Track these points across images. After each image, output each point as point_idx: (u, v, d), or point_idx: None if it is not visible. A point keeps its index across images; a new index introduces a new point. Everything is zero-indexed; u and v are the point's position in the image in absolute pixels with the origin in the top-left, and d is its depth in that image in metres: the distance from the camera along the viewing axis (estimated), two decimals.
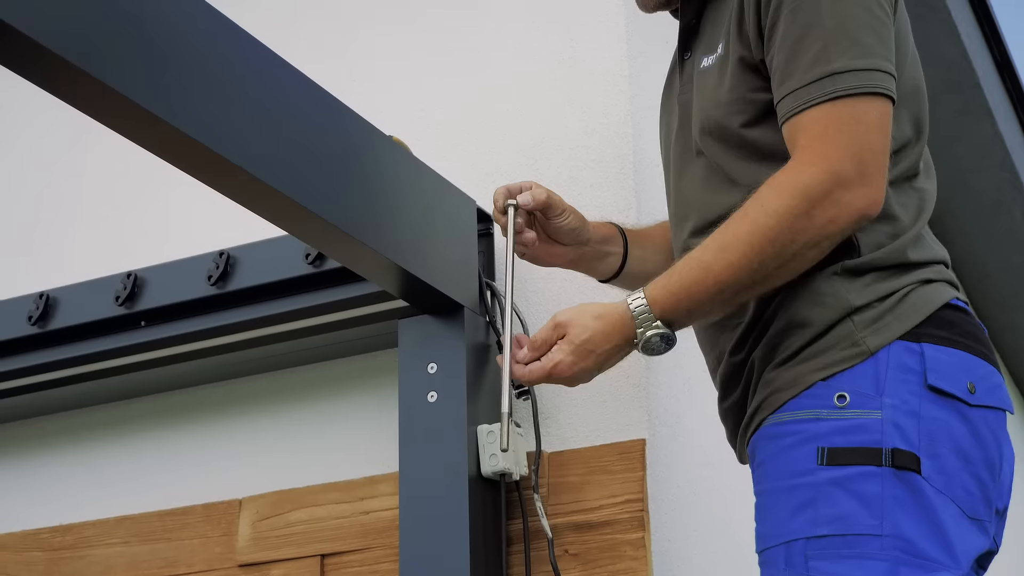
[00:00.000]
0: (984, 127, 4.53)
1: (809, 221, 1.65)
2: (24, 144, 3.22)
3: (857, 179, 1.64)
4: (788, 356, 1.72)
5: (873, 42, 1.68)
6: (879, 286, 1.70)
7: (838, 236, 1.67)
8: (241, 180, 1.84)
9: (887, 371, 1.65)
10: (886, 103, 1.68)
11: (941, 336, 1.68)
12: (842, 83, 1.66)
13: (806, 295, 1.72)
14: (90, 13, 1.60)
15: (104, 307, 2.57)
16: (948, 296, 1.72)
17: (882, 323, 1.68)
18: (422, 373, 2.24)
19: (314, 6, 2.94)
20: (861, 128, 1.65)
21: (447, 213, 2.27)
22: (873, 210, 1.66)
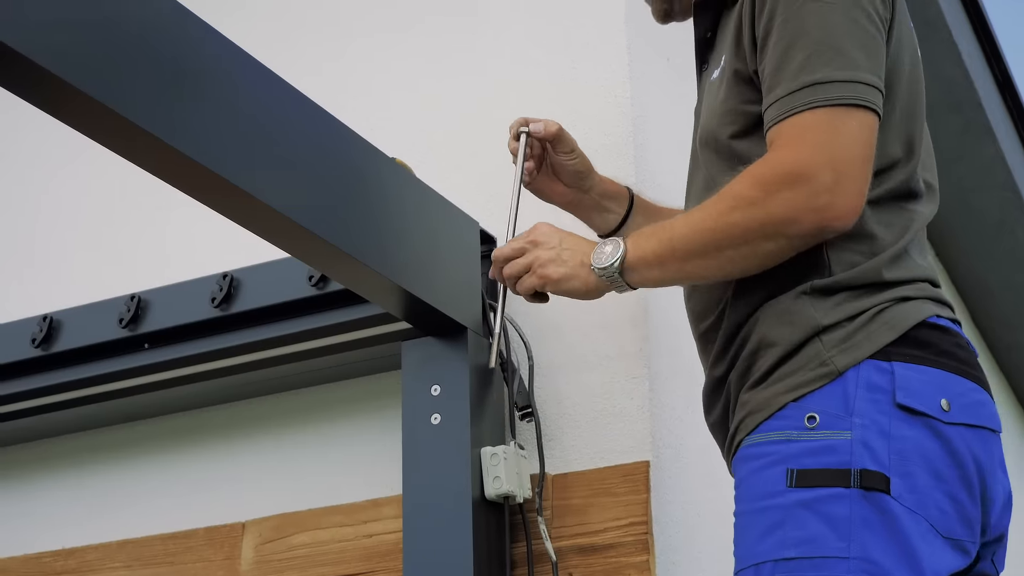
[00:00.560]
0: (986, 146, 4.54)
1: (763, 209, 1.67)
2: (27, 165, 3.22)
3: (831, 185, 1.64)
4: (760, 377, 1.73)
5: (859, 55, 1.68)
6: (849, 305, 1.69)
7: (798, 239, 1.68)
8: (244, 202, 1.84)
9: (856, 390, 1.64)
10: (868, 115, 1.67)
11: (914, 354, 1.66)
12: (823, 93, 1.66)
13: (776, 315, 1.73)
14: (91, 35, 1.60)
15: (108, 329, 2.57)
16: (926, 314, 1.70)
17: (851, 342, 1.67)
18: (425, 395, 2.24)
19: (313, 23, 2.94)
20: (838, 137, 1.66)
21: (450, 235, 2.27)
22: (842, 221, 1.66)
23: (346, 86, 2.79)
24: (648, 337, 2.29)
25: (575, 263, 1.91)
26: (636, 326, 2.30)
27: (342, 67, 2.85)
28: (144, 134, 1.66)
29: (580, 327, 2.34)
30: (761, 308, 1.75)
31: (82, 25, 1.60)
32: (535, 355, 2.32)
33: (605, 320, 2.32)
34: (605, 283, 1.87)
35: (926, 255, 1.82)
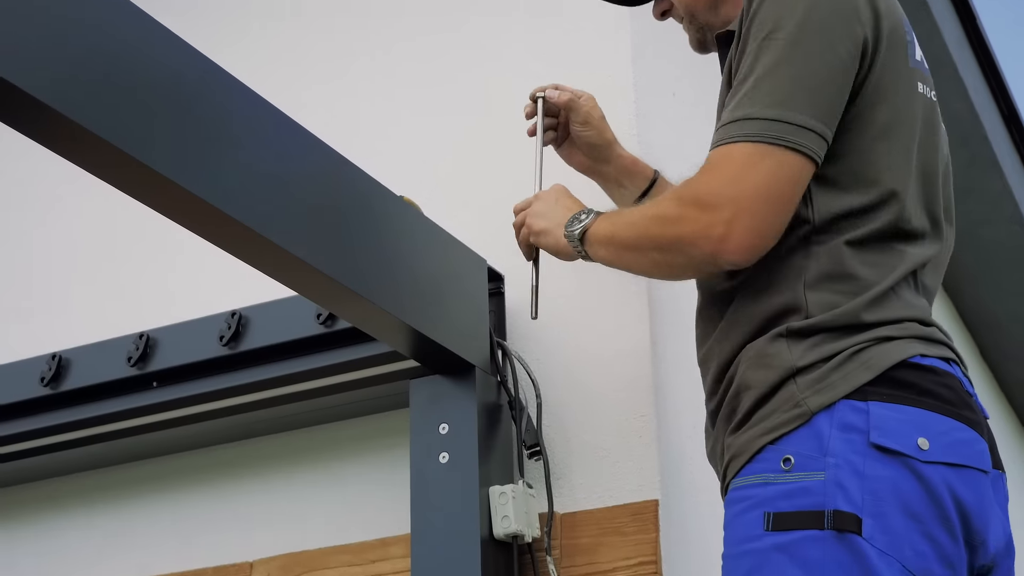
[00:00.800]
0: (993, 180, 4.54)
1: (672, 226, 1.76)
2: (35, 203, 3.23)
3: (728, 219, 1.68)
4: (741, 420, 1.73)
5: (799, 95, 1.69)
6: (825, 346, 1.69)
7: (699, 261, 1.74)
8: (252, 240, 1.84)
9: (831, 431, 1.63)
10: (792, 156, 1.68)
11: (892, 394, 1.65)
12: (750, 128, 1.69)
13: (755, 357, 1.74)
14: (98, 74, 1.61)
15: (116, 368, 2.57)
16: (908, 353, 1.69)
17: (825, 383, 1.67)
18: (434, 434, 2.24)
19: (319, 59, 2.96)
20: (750, 173, 1.68)
21: (458, 272, 2.27)
22: (735, 255, 1.70)
23: (354, 123, 2.80)
24: (655, 375, 2.29)
25: (556, 221, 2.03)
26: (642, 364, 2.30)
27: (349, 103, 2.86)
28: (153, 174, 1.67)
29: (588, 365, 2.34)
30: (743, 350, 1.76)
31: (90, 65, 1.60)
32: (543, 393, 2.32)
33: (612, 358, 2.32)
34: (571, 248, 1.98)
35: (924, 295, 1.80)
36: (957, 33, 4.19)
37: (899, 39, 1.81)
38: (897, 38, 1.80)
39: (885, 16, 1.78)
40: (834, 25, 1.73)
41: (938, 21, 3.87)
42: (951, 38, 4.03)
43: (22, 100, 1.51)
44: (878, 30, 1.77)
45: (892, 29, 1.79)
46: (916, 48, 1.85)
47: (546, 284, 2.41)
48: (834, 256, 1.73)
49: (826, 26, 1.72)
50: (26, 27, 1.52)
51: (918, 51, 1.86)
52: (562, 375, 2.35)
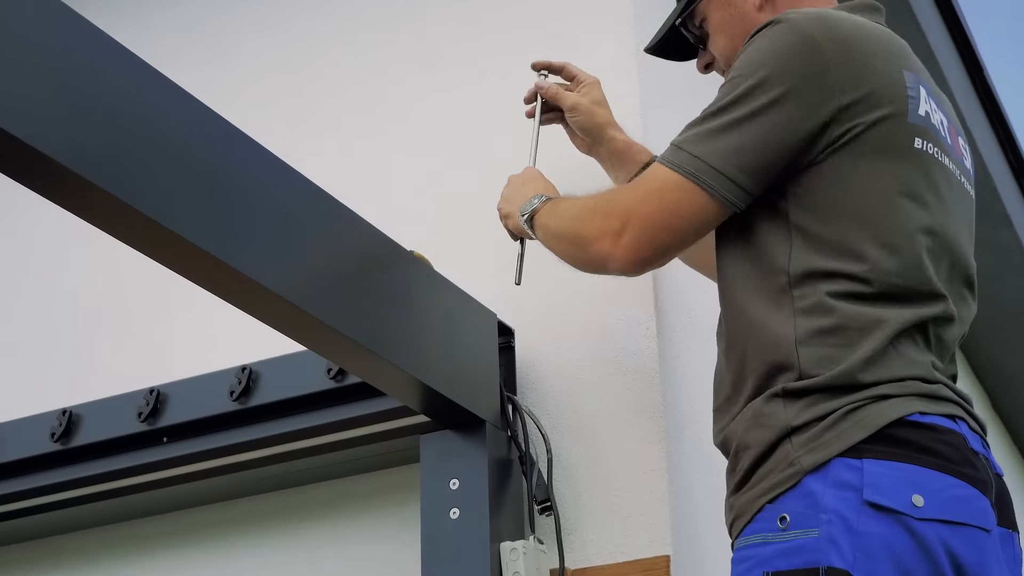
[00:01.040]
0: (1003, 234, 4.55)
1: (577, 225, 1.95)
2: (44, 258, 3.25)
3: (617, 231, 1.85)
4: (741, 481, 1.75)
5: (732, 144, 1.78)
6: (820, 406, 1.69)
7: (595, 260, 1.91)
8: (261, 297, 1.84)
9: (825, 489, 1.63)
10: (701, 195, 1.79)
11: (887, 451, 1.65)
12: (676, 157, 1.82)
13: (752, 418, 1.75)
14: (108, 130, 1.62)
15: (127, 423, 2.57)
16: (906, 411, 1.68)
17: (819, 442, 1.67)
18: (444, 489, 2.23)
19: (330, 112, 2.97)
20: (655, 198, 1.83)
21: (468, 327, 2.27)
22: (614, 265, 1.87)
23: (362, 176, 2.81)
24: (666, 429, 2.29)
25: (516, 204, 2.19)
26: (654, 419, 2.29)
27: (358, 156, 2.88)
28: (164, 231, 1.67)
29: (598, 420, 2.33)
30: (743, 410, 1.77)
31: (101, 121, 1.61)
32: (554, 448, 2.31)
33: (623, 413, 2.32)
34: (524, 228, 2.14)
35: (933, 350, 1.79)
36: (964, 84, 4.21)
37: (890, 97, 1.80)
38: (885, 96, 1.79)
39: (865, 77, 1.79)
40: (795, 87, 1.76)
41: (945, 73, 3.88)
42: (958, 90, 4.04)
43: (32, 157, 1.52)
44: (854, 91, 1.77)
45: (878, 87, 1.79)
46: (924, 103, 1.85)
47: (558, 340, 2.41)
48: (821, 309, 1.73)
49: (786, 86, 1.76)
50: (36, 84, 1.53)
51: (925, 106, 1.85)
52: (572, 430, 2.35)
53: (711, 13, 2.09)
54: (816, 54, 1.77)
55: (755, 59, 1.80)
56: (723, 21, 2.07)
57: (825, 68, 1.77)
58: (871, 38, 1.84)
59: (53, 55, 1.57)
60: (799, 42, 1.78)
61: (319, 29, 3.13)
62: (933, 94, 1.90)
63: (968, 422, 1.75)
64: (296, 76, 3.11)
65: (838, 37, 1.79)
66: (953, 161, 1.89)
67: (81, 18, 1.63)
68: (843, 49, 1.78)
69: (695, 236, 1.84)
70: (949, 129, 1.91)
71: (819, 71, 1.77)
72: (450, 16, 2.92)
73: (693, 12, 2.11)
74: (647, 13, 2.68)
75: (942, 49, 3.91)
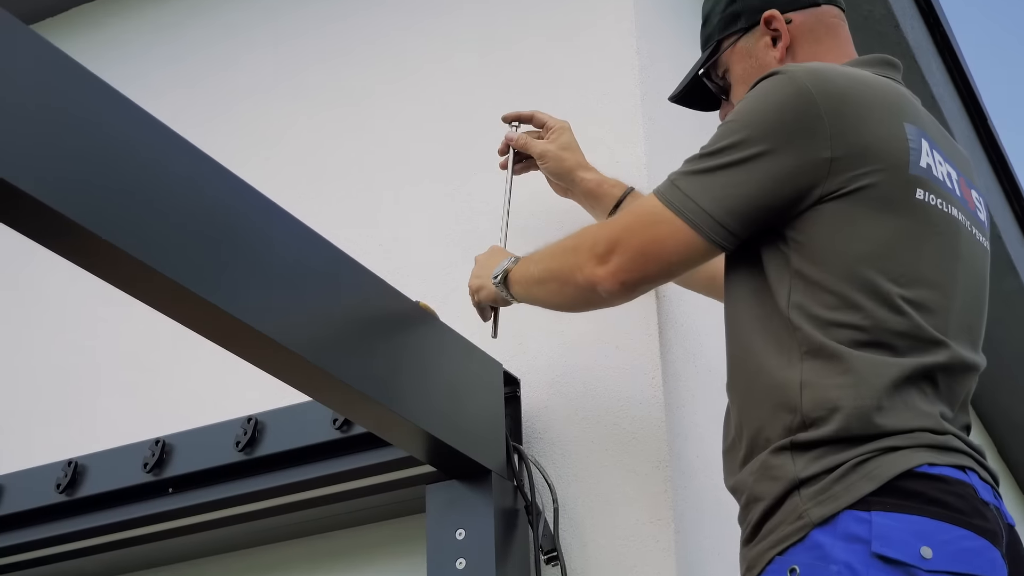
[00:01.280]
0: (1008, 281, 4.55)
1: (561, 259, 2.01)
2: (50, 310, 3.25)
3: (601, 254, 1.92)
4: (751, 533, 1.76)
5: (715, 183, 1.83)
6: (829, 458, 1.70)
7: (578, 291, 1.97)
8: (267, 348, 1.84)
9: (834, 541, 1.64)
10: (686, 231, 1.84)
11: (895, 503, 1.65)
12: (668, 191, 1.87)
13: (761, 470, 1.76)
14: (116, 185, 1.63)
15: (132, 474, 2.57)
16: (914, 463, 1.68)
17: (828, 494, 1.67)
18: (450, 539, 2.23)
19: (336, 165, 2.98)
20: (643, 227, 1.90)
21: (474, 377, 2.28)
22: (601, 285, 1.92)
23: (369, 227, 2.82)
24: (672, 479, 2.28)
25: (486, 274, 2.24)
26: (660, 468, 2.29)
27: (364, 208, 2.88)
28: (168, 282, 1.67)
29: (604, 469, 2.33)
30: (752, 462, 1.78)
31: (109, 176, 1.62)
32: (560, 497, 2.31)
33: (629, 462, 2.31)
34: (499, 294, 2.19)
35: (942, 400, 1.79)
36: (969, 133, 4.23)
37: (887, 150, 1.81)
38: (882, 150, 1.81)
39: (860, 129, 1.80)
40: (787, 138, 1.80)
41: (949, 121, 3.90)
42: (962, 138, 4.06)
43: (42, 212, 1.53)
44: (848, 143, 1.79)
45: (875, 139, 1.81)
46: (926, 156, 1.85)
47: (564, 390, 2.41)
48: (823, 354, 1.74)
49: (779, 137, 1.80)
50: (44, 139, 1.54)
51: (928, 158, 1.85)
52: (578, 480, 2.34)
53: (733, 65, 2.13)
54: (810, 106, 1.80)
55: (752, 108, 1.85)
56: (745, 73, 2.11)
57: (818, 120, 1.79)
58: (868, 91, 1.86)
59: (64, 110, 1.58)
60: (795, 94, 1.81)
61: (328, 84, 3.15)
62: (939, 147, 1.91)
63: (979, 473, 1.74)
64: (304, 126, 3.12)
65: (833, 90, 1.82)
66: (964, 213, 1.90)
67: (92, 75, 1.64)
68: (837, 102, 1.81)
69: (681, 269, 1.93)
70: (959, 182, 1.92)
71: (812, 123, 1.79)
72: (455, 75, 2.93)
73: (716, 63, 2.16)
74: (651, 64, 2.70)
75: (946, 98, 3.93)
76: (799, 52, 2.07)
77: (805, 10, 2.09)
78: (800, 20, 2.08)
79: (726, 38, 2.14)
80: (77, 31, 3.68)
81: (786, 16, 2.08)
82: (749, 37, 2.11)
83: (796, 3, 2.09)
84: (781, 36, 2.08)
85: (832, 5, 2.11)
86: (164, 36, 3.52)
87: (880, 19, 3.46)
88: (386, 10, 3.13)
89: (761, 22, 2.09)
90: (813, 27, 2.08)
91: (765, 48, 2.09)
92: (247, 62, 3.32)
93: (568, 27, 2.80)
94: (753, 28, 2.11)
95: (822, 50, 2.06)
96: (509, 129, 2.54)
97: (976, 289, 1.91)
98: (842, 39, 2.10)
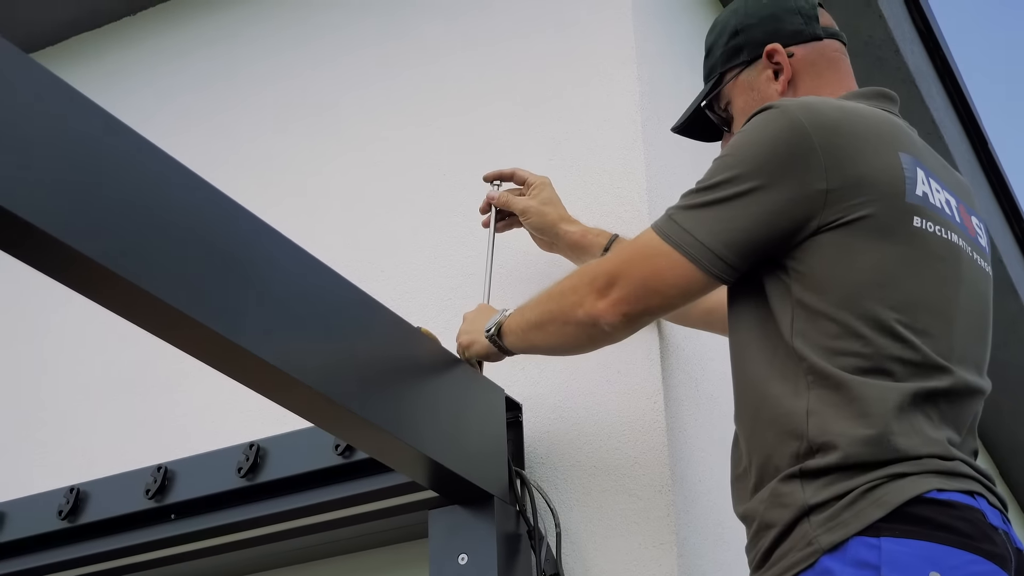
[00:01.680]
0: (1009, 302, 4.55)
1: (559, 300, 2.02)
2: (53, 337, 3.25)
3: (601, 288, 1.94)
4: (762, 560, 1.76)
5: (712, 216, 1.85)
6: (838, 485, 1.70)
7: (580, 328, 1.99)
8: (268, 375, 1.84)
9: (843, 567, 1.64)
10: (684, 263, 1.86)
11: (905, 529, 1.65)
12: (666, 225, 1.89)
13: (771, 498, 1.76)
14: (117, 212, 1.62)
15: (134, 500, 2.56)
16: (923, 489, 1.69)
17: (837, 521, 1.68)
18: (453, 564, 2.22)
19: (336, 191, 2.99)
20: (642, 260, 1.91)
21: (476, 402, 2.27)
22: (603, 319, 1.93)
23: (371, 255, 2.83)
24: (675, 503, 2.28)
25: (477, 329, 2.24)
26: (662, 492, 2.29)
27: (365, 233, 2.89)
28: (172, 311, 1.67)
29: (607, 494, 2.33)
30: (762, 490, 1.79)
31: (109, 203, 1.62)
32: (562, 522, 2.31)
33: (632, 487, 2.31)
34: (492, 348, 2.20)
35: (948, 426, 1.79)
36: (969, 157, 4.23)
37: (883, 180, 1.82)
38: (878, 180, 1.81)
39: (855, 160, 1.81)
40: (783, 171, 1.81)
41: (949, 145, 3.91)
42: (963, 162, 4.07)
43: (40, 238, 1.53)
44: (843, 174, 1.80)
45: (870, 170, 1.82)
46: (922, 184, 1.86)
47: (566, 415, 2.41)
48: (828, 382, 1.75)
49: (774, 171, 1.81)
50: (42, 165, 1.54)
51: (924, 187, 1.86)
52: (581, 504, 2.34)
53: (735, 97, 2.15)
54: (804, 139, 1.81)
55: (746, 142, 1.86)
56: (746, 105, 2.12)
57: (811, 152, 1.80)
58: (862, 122, 1.87)
59: (62, 139, 1.58)
60: (788, 128, 1.83)
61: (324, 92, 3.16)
62: (936, 175, 1.92)
63: (988, 498, 1.75)
64: (305, 152, 3.13)
65: (826, 123, 1.83)
66: (964, 238, 1.91)
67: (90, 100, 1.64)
68: (831, 133, 1.82)
69: (681, 301, 1.94)
70: (958, 208, 1.93)
71: (806, 156, 1.81)
72: (454, 100, 2.94)
73: (719, 95, 2.17)
74: (652, 91, 2.70)
75: (947, 123, 3.94)
76: (800, 85, 2.08)
77: (807, 44, 2.10)
78: (802, 54, 2.10)
79: (729, 71, 2.15)
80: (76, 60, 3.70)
81: (788, 50, 2.10)
82: (751, 70, 2.13)
83: (798, 37, 2.11)
84: (783, 69, 2.09)
85: (834, 39, 2.13)
86: (166, 65, 3.53)
87: (880, 44, 3.47)
88: (384, 43, 3.14)
89: (763, 55, 2.10)
90: (815, 61, 2.10)
91: (767, 81, 2.10)
92: (248, 88, 3.33)
93: (568, 54, 2.81)
94: (756, 61, 2.12)
95: (823, 83, 2.07)
96: (491, 188, 2.56)
97: (979, 313, 1.92)
98: (843, 72, 2.11)
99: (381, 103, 3.05)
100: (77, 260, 1.56)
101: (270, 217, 1.91)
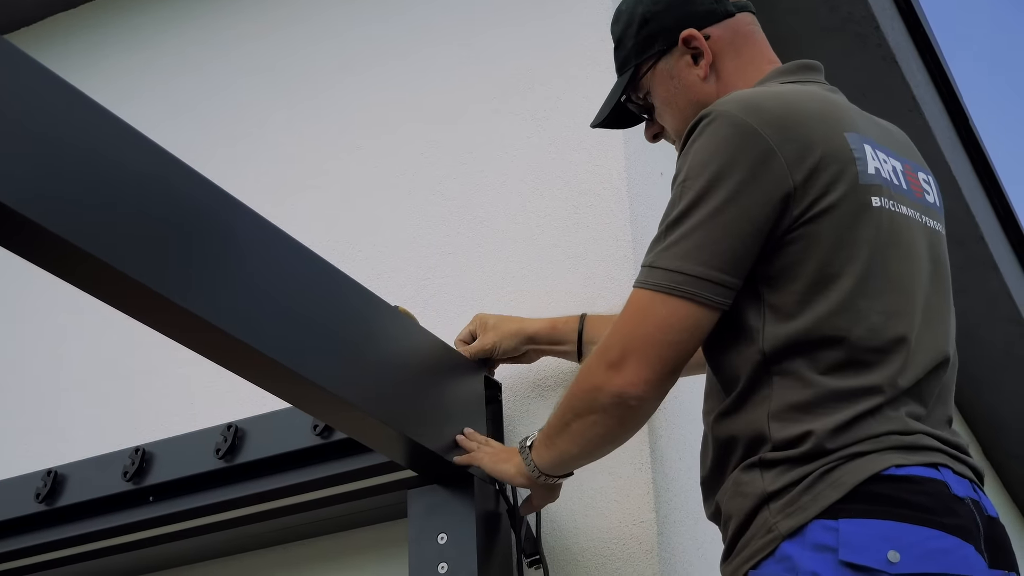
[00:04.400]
0: (990, 280, 4.55)
1: (577, 388, 1.88)
2: (29, 320, 3.24)
3: (615, 362, 1.80)
4: (727, 551, 1.78)
5: (701, 248, 1.76)
6: (796, 470, 1.70)
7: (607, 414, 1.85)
8: (246, 355, 1.83)
9: (803, 552, 1.64)
10: (684, 304, 1.77)
11: (862, 508, 1.65)
12: (650, 276, 1.80)
13: (733, 487, 1.77)
14: (98, 197, 1.62)
15: (112, 483, 2.55)
16: (880, 466, 1.68)
17: (796, 505, 1.68)
18: (432, 544, 2.22)
19: (315, 171, 2.98)
20: (643, 319, 1.79)
21: (454, 382, 2.27)
22: (627, 395, 1.80)
23: (349, 234, 2.82)
24: (654, 481, 2.28)
25: (509, 451, 2.15)
26: (643, 470, 2.28)
27: (342, 212, 2.88)
28: (147, 291, 1.66)
29: (587, 472, 2.32)
30: (726, 482, 1.80)
31: (91, 188, 1.61)
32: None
33: (612, 465, 2.31)
34: (523, 463, 2.07)
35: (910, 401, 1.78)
36: (950, 134, 4.23)
37: (836, 161, 1.80)
38: (832, 162, 1.80)
39: (811, 147, 1.79)
40: (746, 177, 1.76)
41: (930, 122, 3.90)
42: (943, 139, 4.06)
43: (21, 223, 1.51)
44: (804, 167, 1.78)
45: (824, 157, 1.79)
46: (872, 160, 1.85)
47: (545, 393, 2.41)
48: (796, 385, 1.74)
49: (737, 178, 1.76)
50: (27, 152, 1.53)
51: (874, 162, 1.84)
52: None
53: (655, 87, 2.09)
54: (757, 141, 1.77)
55: (700, 159, 1.80)
56: (669, 95, 2.07)
57: (770, 152, 1.77)
58: (805, 108, 1.84)
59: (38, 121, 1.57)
60: (737, 133, 1.78)
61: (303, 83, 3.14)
62: (880, 144, 1.90)
63: (953, 467, 1.74)
64: (282, 130, 3.12)
65: (772, 120, 1.79)
66: (915, 207, 1.89)
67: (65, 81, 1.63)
68: (781, 128, 1.78)
69: (696, 343, 1.81)
70: (904, 172, 1.91)
71: (765, 157, 1.77)
72: (436, 83, 2.93)
73: (637, 86, 2.12)
74: None
75: (927, 99, 3.93)
76: (722, 67, 2.03)
77: (721, 23, 2.04)
78: (718, 34, 2.04)
79: (644, 62, 2.09)
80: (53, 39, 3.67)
81: (704, 32, 2.04)
82: (668, 58, 2.06)
83: (711, 17, 2.05)
84: (703, 53, 2.03)
85: (744, 11, 2.07)
86: (140, 43, 3.50)
87: (860, 21, 3.45)
88: (365, 26, 3.12)
89: (679, 42, 2.04)
90: (732, 39, 2.04)
91: (687, 67, 2.04)
92: (222, 68, 3.31)
93: (548, 34, 2.79)
94: (671, 49, 2.06)
95: (744, 61, 2.03)
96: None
97: (939, 279, 1.91)
98: (761, 45, 2.07)
99: (362, 84, 3.03)
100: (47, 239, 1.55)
101: (246, 197, 1.90)
